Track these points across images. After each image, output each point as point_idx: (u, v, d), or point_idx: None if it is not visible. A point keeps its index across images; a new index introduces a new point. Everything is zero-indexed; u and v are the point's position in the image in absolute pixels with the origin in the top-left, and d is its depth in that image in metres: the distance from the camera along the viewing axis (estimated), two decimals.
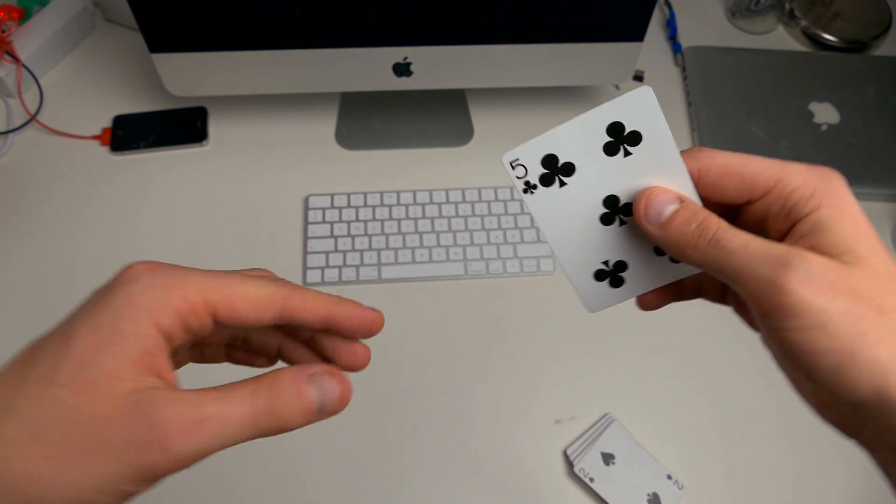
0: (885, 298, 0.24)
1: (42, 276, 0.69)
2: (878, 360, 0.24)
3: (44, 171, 0.76)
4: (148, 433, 0.22)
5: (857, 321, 0.24)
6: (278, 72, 0.70)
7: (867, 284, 0.24)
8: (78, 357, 0.23)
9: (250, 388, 0.24)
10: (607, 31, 0.69)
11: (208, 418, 0.22)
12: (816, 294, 0.24)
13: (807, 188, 0.26)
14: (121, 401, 0.22)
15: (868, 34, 0.89)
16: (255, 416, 0.24)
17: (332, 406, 0.25)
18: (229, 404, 0.23)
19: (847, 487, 0.62)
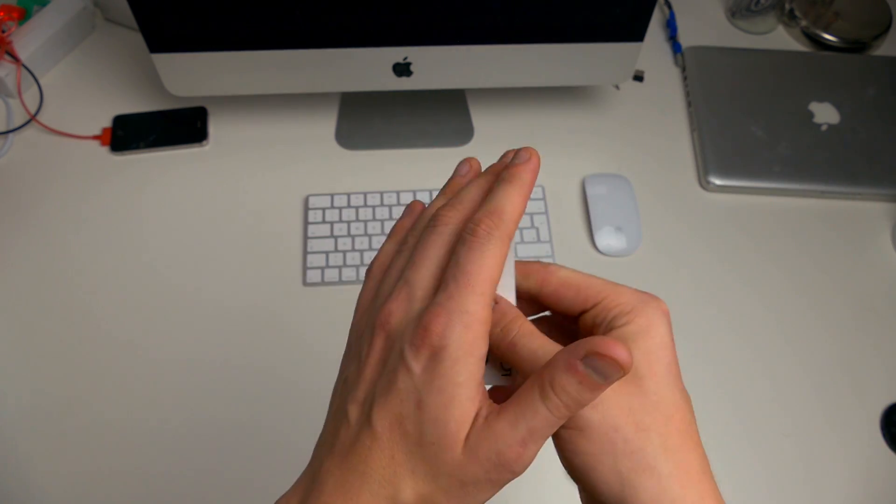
0: (644, 417, 0.26)
1: (42, 276, 0.69)
2: (620, 472, 0.26)
3: (44, 171, 0.76)
4: (497, 469, 0.25)
5: (612, 432, 0.26)
6: (278, 72, 0.70)
7: (633, 401, 0.27)
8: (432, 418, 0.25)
9: (536, 392, 0.25)
10: (607, 31, 0.69)
11: (528, 438, 0.25)
12: (596, 438, 0.26)
13: (627, 305, 0.28)
14: (467, 450, 0.25)
15: (868, 34, 0.89)
16: (556, 413, 0.25)
17: (613, 372, 0.24)
18: (534, 417, 0.25)
19: (847, 487, 0.62)
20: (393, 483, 0.25)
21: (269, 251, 0.72)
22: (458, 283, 0.26)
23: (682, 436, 0.27)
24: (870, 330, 0.70)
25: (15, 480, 0.59)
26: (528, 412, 0.25)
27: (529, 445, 0.25)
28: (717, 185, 0.76)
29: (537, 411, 0.25)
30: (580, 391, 0.24)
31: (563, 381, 0.25)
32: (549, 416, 0.25)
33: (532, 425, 0.25)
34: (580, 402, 0.25)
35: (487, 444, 0.25)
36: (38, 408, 0.63)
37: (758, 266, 0.73)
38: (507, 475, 0.25)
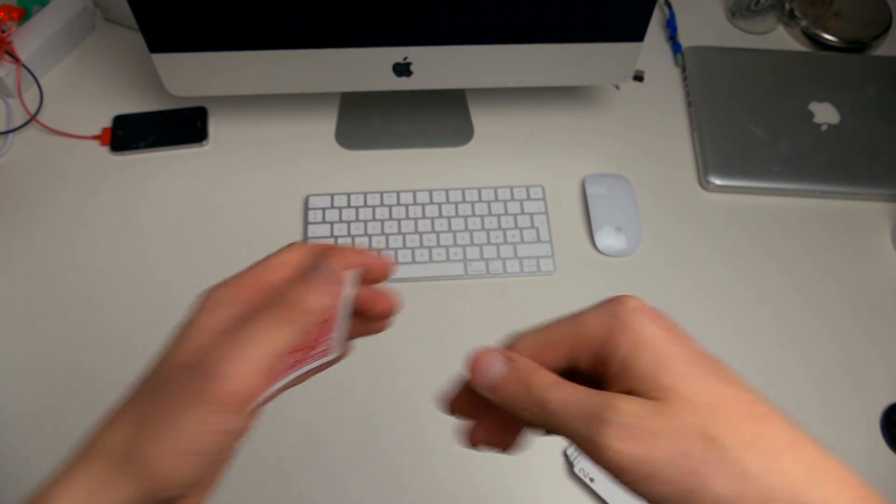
0: (706, 426, 0.23)
1: (42, 276, 0.69)
2: (717, 496, 0.22)
3: (44, 171, 0.76)
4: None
5: (686, 460, 0.23)
6: (278, 72, 0.70)
7: (683, 418, 0.23)
8: None
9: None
10: (607, 31, 0.69)
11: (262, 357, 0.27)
12: (636, 445, 0.23)
13: (601, 332, 0.26)
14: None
15: (868, 34, 0.89)
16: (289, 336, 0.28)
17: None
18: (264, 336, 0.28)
19: None
20: (104, 422, 0.28)
21: (269, 251, 0.72)
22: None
23: (745, 416, 0.24)
24: (870, 330, 0.70)
25: (16, 480, 0.59)
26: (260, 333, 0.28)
27: (232, 356, 0.27)
28: (717, 185, 0.76)
29: (253, 317, 0.28)
30: (304, 289, 0.29)
31: (290, 287, 0.29)
32: (262, 316, 0.28)
33: (240, 329, 0.27)
34: (304, 300, 0.28)
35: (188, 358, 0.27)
36: (39, 408, 0.63)
37: (758, 266, 0.73)
38: (207, 382, 0.26)
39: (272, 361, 0.27)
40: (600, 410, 0.23)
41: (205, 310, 0.29)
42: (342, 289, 0.28)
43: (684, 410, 0.23)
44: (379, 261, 0.31)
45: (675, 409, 0.23)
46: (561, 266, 0.71)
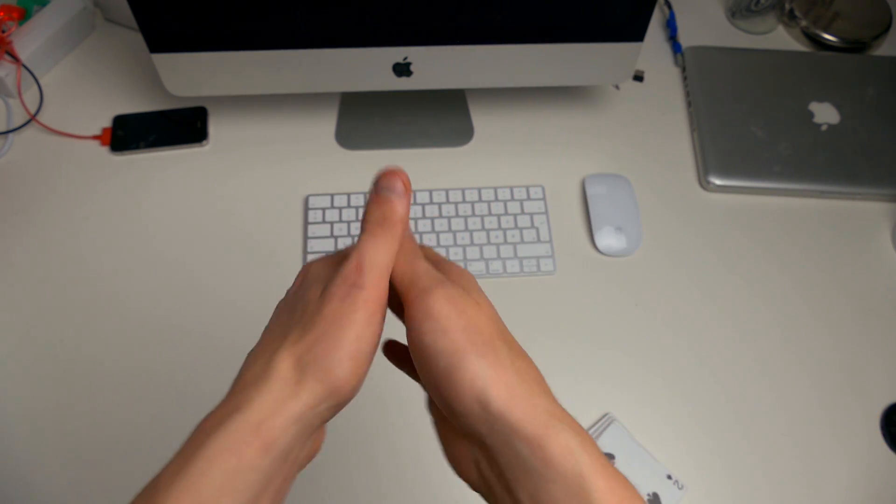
0: (497, 335, 0.31)
1: (42, 276, 0.69)
2: (479, 368, 0.29)
3: (44, 171, 0.76)
4: (348, 291, 0.32)
5: (473, 335, 0.29)
6: (278, 72, 0.70)
7: (488, 317, 0.31)
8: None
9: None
10: (607, 31, 0.69)
11: (361, 262, 0.32)
12: (451, 306, 0.30)
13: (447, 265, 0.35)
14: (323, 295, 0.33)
15: (868, 34, 0.89)
16: (372, 231, 0.33)
17: (394, 184, 0.33)
18: (359, 246, 0.33)
19: (848, 487, 0.62)
20: (270, 350, 0.31)
21: (269, 251, 0.72)
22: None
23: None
24: (870, 330, 0.70)
25: (16, 481, 0.59)
26: (356, 245, 0.32)
27: (364, 266, 0.31)
28: (717, 185, 0.76)
29: (360, 240, 0.32)
30: (382, 209, 0.32)
31: (368, 210, 0.33)
32: (370, 238, 0.32)
33: (359, 250, 0.32)
34: (386, 217, 0.32)
35: (333, 282, 0.31)
36: (40, 408, 0.63)
37: (758, 266, 0.73)
38: (356, 291, 0.30)
39: (389, 269, 0.32)
40: (441, 278, 0.32)
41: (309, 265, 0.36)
42: (408, 196, 0.34)
43: (492, 319, 0.32)
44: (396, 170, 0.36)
45: (487, 314, 0.32)
46: (561, 266, 0.71)
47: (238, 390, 0.30)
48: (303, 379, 0.29)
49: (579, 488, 0.26)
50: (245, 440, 0.27)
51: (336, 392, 0.30)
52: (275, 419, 0.28)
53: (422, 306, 0.30)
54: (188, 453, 0.27)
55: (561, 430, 0.28)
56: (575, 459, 0.27)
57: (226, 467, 0.27)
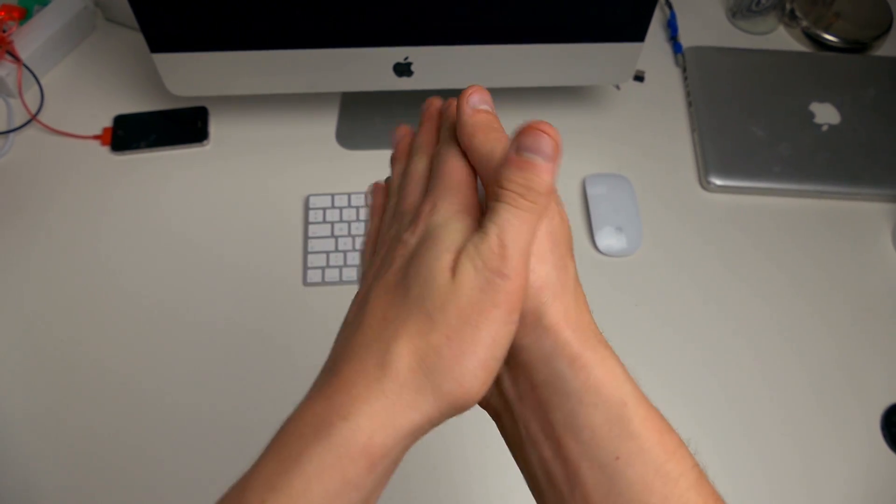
0: (569, 251, 0.28)
1: (43, 276, 0.69)
2: (549, 279, 0.26)
3: (44, 170, 0.76)
4: (487, 285, 0.26)
5: (553, 245, 0.27)
6: (278, 72, 0.70)
7: (564, 232, 0.28)
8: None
9: (493, 199, 0.27)
10: (608, 31, 0.69)
11: (501, 241, 0.26)
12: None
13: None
14: (455, 279, 0.27)
15: (868, 34, 0.89)
16: (514, 204, 0.27)
17: (544, 145, 0.27)
18: (498, 219, 0.27)
19: (847, 487, 0.62)
20: (384, 340, 0.25)
21: (269, 251, 0.72)
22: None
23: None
24: (870, 330, 0.70)
25: (16, 481, 0.59)
26: (493, 217, 0.26)
27: (508, 249, 0.25)
28: (717, 185, 0.76)
29: (499, 212, 0.26)
30: (527, 177, 0.26)
31: (506, 174, 0.26)
32: (511, 210, 0.26)
33: (499, 226, 0.26)
34: (531, 186, 0.26)
35: (469, 263, 0.25)
36: (41, 407, 0.63)
37: (758, 266, 0.73)
38: (499, 281, 0.25)
39: (530, 254, 0.27)
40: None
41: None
42: (557, 161, 0.28)
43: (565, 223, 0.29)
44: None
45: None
46: None
47: (342, 385, 0.25)
48: (425, 386, 0.24)
49: (620, 415, 0.25)
50: (352, 457, 0.23)
51: (460, 404, 0.25)
52: (387, 433, 0.24)
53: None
54: (285, 461, 0.24)
55: (607, 355, 0.27)
56: (619, 386, 0.26)
57: (329, 487, 0.23)
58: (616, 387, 0.26)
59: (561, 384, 0.26)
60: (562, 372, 0.26)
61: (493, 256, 0.25)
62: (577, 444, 0.26)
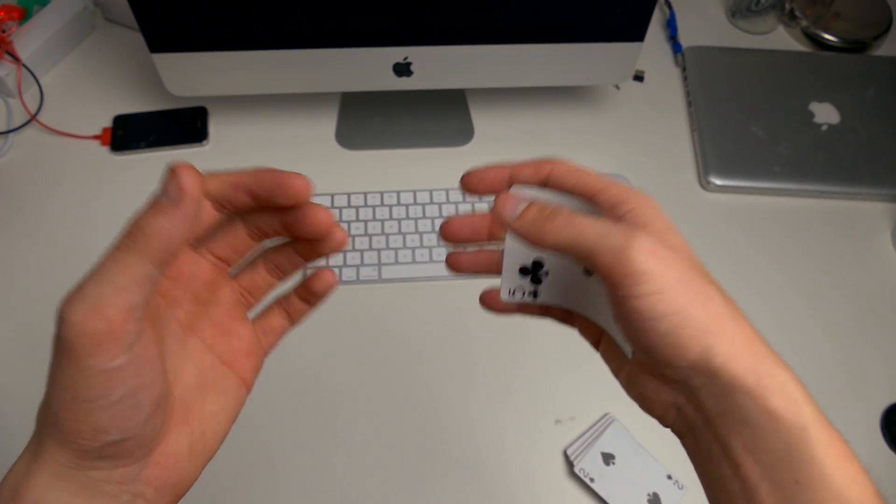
0: (703, 276, 0.28)
1: (42, 276, 0.69)
2: (702, 323, 0.27)
3: (44, 171, 0.76)
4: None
5: (687, 287, 0.27)
6: (278, 72, 0.70)
7: (689, 261, 0.28)
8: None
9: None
10: (607, 31, 0.69)
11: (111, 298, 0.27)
12: (657, 262, 0.27)
13: (620, 196, 0.30)
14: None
15: (868, 34, 0.89)
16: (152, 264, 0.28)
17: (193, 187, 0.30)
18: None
19: None
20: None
21: None
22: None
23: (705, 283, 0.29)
24: (870, 330, 0.70)
25: None
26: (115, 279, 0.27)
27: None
28: (717, 185, 0.76)
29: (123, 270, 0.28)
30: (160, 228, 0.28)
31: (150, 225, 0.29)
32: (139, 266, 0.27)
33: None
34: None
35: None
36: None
37: (757, 266, 0.73)
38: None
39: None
40: (631, 229, 0.28)
41: None
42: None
43: (691, 258, 0.29)
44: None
45: (685, 254, 0.29)
46: None
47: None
48: (44, 431, 0.27)
49: (801, 440, 0.26)
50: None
51: (73, 443, 0.26)
52: (29, 480, 0.27)
53: (625, 269, 0.27)
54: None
55: (784, 380, 0.27)
56: (798, 410, 0.26)
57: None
58: (795, 412, 0.26)
59: (739, 413, 0.26)
60: (740, 403, 0.26)
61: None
62: (756, 466, 0.26)
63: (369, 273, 0.70)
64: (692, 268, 0.28)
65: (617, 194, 0.30)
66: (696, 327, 0.27)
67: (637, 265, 0.26)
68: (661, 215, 0.30)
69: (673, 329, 0.26)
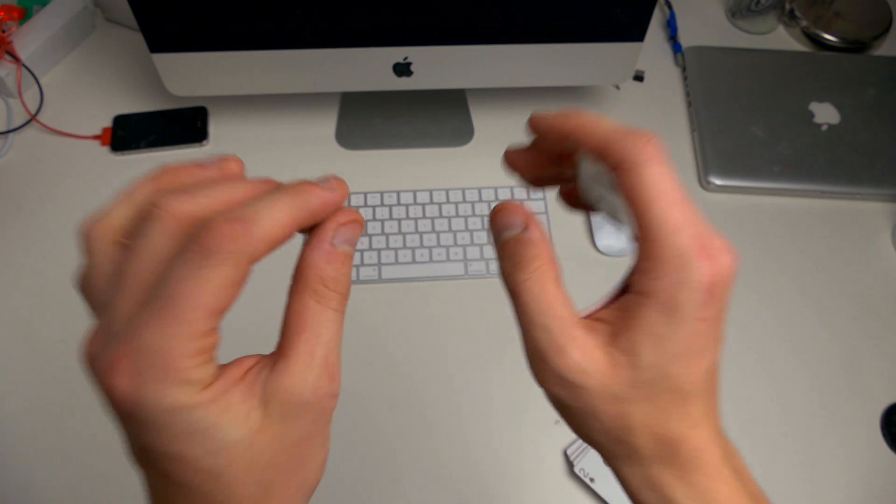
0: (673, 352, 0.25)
1: (42, 276, 0.69)
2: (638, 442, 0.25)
3: (44, 171, 0.76)
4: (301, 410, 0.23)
5: (710, 379, 0.25)
6: (278, 72, 0.70)
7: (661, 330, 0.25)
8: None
9: (312, 300, 0.24)
10: (607, 31, 0.69)
11: (326, 358, 0.23)
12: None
13: (599, 143, 0.25)
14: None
15: (868, 34, 0.89)
16: (340, 315, 0.24)
17: (356, 234, 0.24)
18: (322, 331, 0.23)
19: (847, 487, 0.62)
20: None
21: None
22: (152, 309, 0.20)
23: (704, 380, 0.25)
24: (870, 330, 0.70)
25: (16, 481, 0.59)
26: (319, 328, 0.23)
27: (334, 367, 0.23)
28: (717, 185, 0.76)
29: (324, 318, 0.23)
30: (339, 269, 0.23)
31: (323, 270, 0.23)
32: (334, 316, 0.23)
33: (324, 342, 0.23)
34: (341, 281, 0.23)
35: (280, 397, 0.22)
36: (40, 408, 0.63)
37: (758, 266, 0.73)
38: (329, 407, 0.23)
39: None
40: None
41: None
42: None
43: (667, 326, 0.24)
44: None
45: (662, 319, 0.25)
46: (561, 266, 0.71)
47: None
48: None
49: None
50: None
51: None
52: None
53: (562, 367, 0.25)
54: None
55: (729, 472, 0.27)
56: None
57: None
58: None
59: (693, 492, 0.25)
60: (699, 484, 0.26)
61: (326, 389, 0.23)
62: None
63: (369, 273, 0.70)
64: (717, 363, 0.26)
65: (590, 145, 0.25)
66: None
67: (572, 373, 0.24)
68: (650, 184, 0.25)
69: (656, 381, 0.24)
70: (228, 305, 0.22)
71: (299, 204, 0.23)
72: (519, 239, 0.26)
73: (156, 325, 0.20)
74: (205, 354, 0.21)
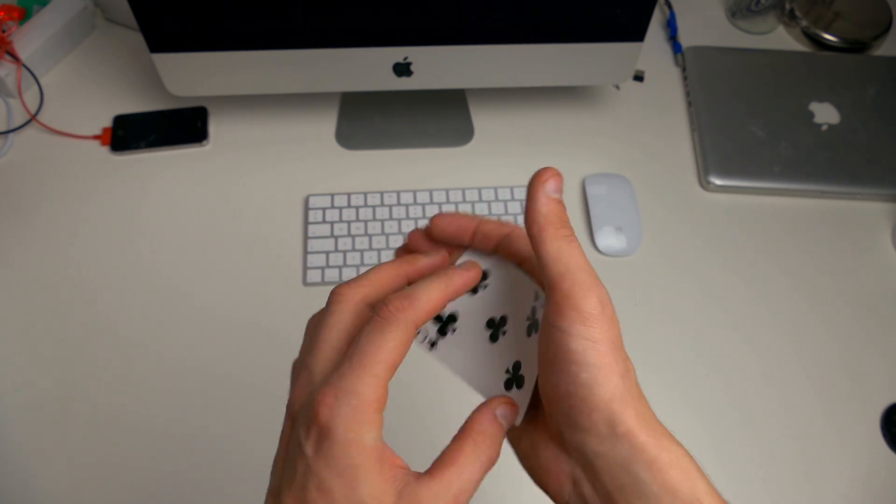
0: (623, 349, 0.29)
1: (42, 276, 0.69)
2: (617, 389, 0.27)
3: (44, 170, 0.76)
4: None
5: (616, 350, 0.27)
6: (278, 72, 0.70)
7: (619, 330, 0.29)
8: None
9: (470, 447, 0.29)
10: (607, 31, 0.69)
11: (461, 493, 0.28)
12: (604, 315, 0.28)
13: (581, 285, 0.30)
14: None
15: (868, 34, 0.89)
16: (485, 468, 0.29)
17: (511, 423, 0.31)
18: (467, 471, 0.28)
19: (847, 487, 0.62)
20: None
21: (269, 251, 0.72)
22: (351, 363, 0.26)
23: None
24: (870, 330, 0.70)
25: (15, 479, 0.59)
26: (466, 467, 0.28)
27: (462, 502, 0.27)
28: (717, 185, 0.76)
29: (474, 459, 0.29)
30: (495, 437, 0.30)
31: (489, 429, 0.30)
32: (480, 466, 0.29)
33: (465, 479, 0.28)
34: (496, 447, 0.29)
35: (411, 499, 0.26)
36: (39, 406, 0.63)
37: (758, 266, 0.73)
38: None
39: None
40: (595, 279, 0.29)
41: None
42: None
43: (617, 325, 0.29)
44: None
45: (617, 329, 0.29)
46: None
47: None
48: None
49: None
50: None
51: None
52: None
53: (578, 304, 0.27)
54: None
55: (680, 454, 0.28)
56: (693, 484, 0.27)
57: None
58: (690, 486, 0.27)
59: (640, 487, 0.27)
60: (639, 476, 0.27)
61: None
62: None
63: None
64: (620, 339, 0.28)
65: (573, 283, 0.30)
66: (611, 391, 0.27)
67: (590, 308, 0.27)
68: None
69: (591, 383, 0.27)
70: (399, 361, 0.28)
71: (446, 283, 0.31)
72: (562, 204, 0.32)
73: (353, 373, 0.26)
74: (382, 403, 0.27)
